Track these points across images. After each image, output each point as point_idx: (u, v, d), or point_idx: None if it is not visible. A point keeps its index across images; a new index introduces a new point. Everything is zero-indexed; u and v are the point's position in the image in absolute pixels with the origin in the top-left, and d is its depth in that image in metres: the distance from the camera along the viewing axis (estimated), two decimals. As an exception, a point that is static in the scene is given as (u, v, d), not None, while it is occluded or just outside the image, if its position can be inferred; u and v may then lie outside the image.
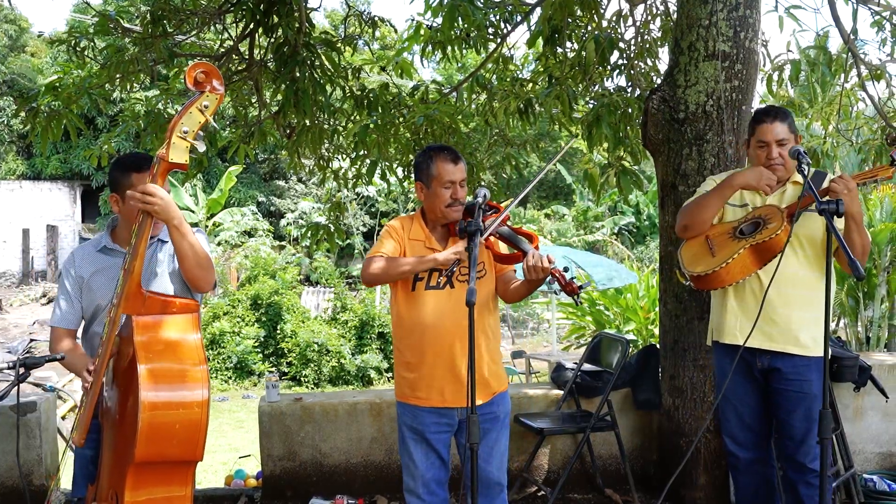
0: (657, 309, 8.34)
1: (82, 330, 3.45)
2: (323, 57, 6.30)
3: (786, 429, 3.74)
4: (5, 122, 30.28)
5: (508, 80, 7.22)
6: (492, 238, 3.50)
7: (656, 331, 11.93)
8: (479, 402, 3.34)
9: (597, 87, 7.00)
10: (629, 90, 6.77)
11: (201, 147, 2.79)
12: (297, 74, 6.02)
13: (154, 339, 2.86)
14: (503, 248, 3.55)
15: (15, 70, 30.80)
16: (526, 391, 5.66)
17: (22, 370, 2.71)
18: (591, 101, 6.93)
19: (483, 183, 7.47)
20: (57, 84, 6.23)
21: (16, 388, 2.71)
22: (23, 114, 6.27)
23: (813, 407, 3.62)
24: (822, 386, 3.16)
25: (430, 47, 6.77)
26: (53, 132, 6.13)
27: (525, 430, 5.19)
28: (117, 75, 6.05)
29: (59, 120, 6.10)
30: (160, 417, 2.72)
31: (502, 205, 3.60)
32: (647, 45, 6.76)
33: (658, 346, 5.31)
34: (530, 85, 7.15)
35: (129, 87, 6.45)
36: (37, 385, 10.95)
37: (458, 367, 3.40)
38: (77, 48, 6.13)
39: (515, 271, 3.66)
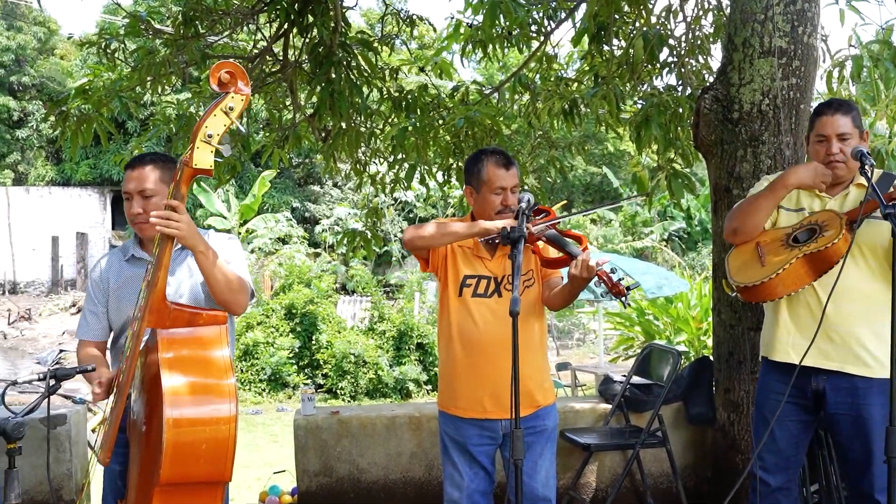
0: (710, 319, 8.25)
1: (111, 341, 3.47)
2: (359, 57, 6.34)
3: (843, 453, 3.60)
4: (34, 126, 30.81)
5: (552, 79, 7.20)
6: (539, 243, 3.50)
7: (709, 342, 11.85)
8: (522, 414, 3.33)
9: (645, 86, 6.96)
10: (680, 89, 6.72)
11: (227, 151, 2.78)
12: (333, 75, 6.07)
13: (180, 354, 2.83)
14: (551, 252, 3.54)
15: (44, 73, 31.34)
16: (572, 405, 5.64)
17: (52, 382, 2.73)
18: (640, 101, 6.89)
19: (526, 187, 7.46)
20: (87, 87, 6.31)
21: (46, 400, 2.74)
22: (52, 118, 6.37)
23: (873, 432, 3.40)
24: (891, 403, 3.00)
25: (470, 46, 6.77)
26: (83, 137, 6.21)
27: (571, 445, 5.17)
28: (148, 78, 6.13)
29: (89, 124, 6.19)
30: (185, 436, 2.69)
31: (553, 208, 3.58)
32: (699, 42, 6.71)
33: (711, 357, 5.26)
34: (575, 84, 7.13)
35: (160, 90, 6.52)
36: (66, 397, 11.08)
37: (502, 378, 3.37)
38: (107, 50, 6.21)
39: (562, 278, 3.65)
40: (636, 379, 5.59)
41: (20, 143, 31.36)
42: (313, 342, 16.09)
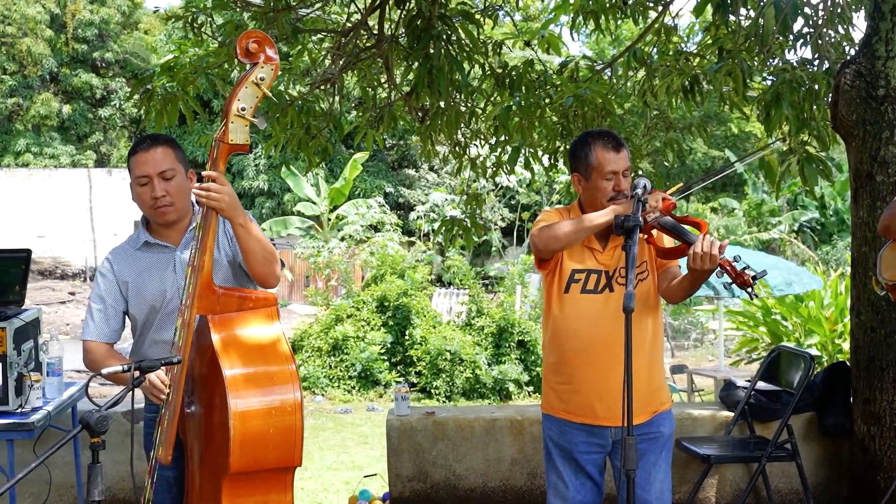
0: (846, 320, 8.02)
1: (135, 340, 3.49)
2: (460, 30, 6.33)
3: None
4: (117, 105, 31.83)
5: (671, 53, 7.08)
6: (654, 231, 3.44)
7: (844, 345, 11.53)
8: (636, 421, 3.29)
9: (776, 60, 6.80)
10: (816, 63, 6.54)
11: (262, 124, 2.87)
12: (432, 51, 6.07)
13: (235, 340, 2.93)
14: (667, 241, 3.49)
15: (128, 49, 32.32)
16: (689, 412, 5.57)
17: (136, 374, 2.80)
18: (770, 78, 6.73)
19: (640, 172, 7.37)
20: (172, 64, 6.44)
21: (130, 393, 2.80)
22: (136, 96, 6.52)
23: None
24: None
25: (580, 18, 6.72)
26: (168, 116, 6.33)
27: (688, 456, 5.10)
28: (236, 54, 6.23)
29: (174, 103, 6.31)
30: (253, 425, 2.81)
31: (667, 192, 3.51)
32: (839, 10, 6.51)
33: (848, 363, 5.13)
34: (697, 59, 7.00)
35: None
36: (149, 390, 11.40)
37: (614, 380, 3.34)
38: (193, 24, 6.34)
39: (680, 267, 3.59)
40: (762, 385, 5.49)
41: (102, 123, 32.48)
42: (406, 337, 16.18)
